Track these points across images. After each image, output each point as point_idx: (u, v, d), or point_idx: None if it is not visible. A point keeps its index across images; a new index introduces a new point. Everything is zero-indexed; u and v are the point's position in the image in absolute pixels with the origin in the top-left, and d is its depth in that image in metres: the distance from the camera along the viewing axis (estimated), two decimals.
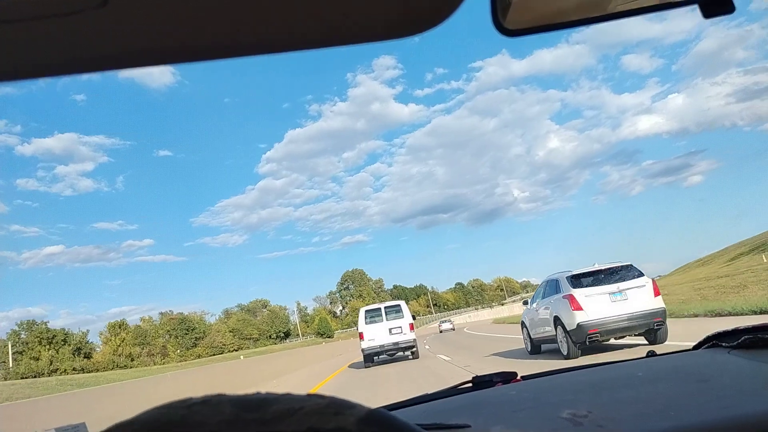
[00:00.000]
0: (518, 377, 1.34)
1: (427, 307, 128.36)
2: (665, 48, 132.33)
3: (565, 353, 8.48)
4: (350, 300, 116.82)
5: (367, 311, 15.91)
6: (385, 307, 15.78)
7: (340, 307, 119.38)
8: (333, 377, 14.87)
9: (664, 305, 8.15)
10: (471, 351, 15.43)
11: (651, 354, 1.42)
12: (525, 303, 11.52)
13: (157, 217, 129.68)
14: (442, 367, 11.73)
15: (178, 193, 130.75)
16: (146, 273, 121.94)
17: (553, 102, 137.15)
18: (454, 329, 44.12)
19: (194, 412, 0.35)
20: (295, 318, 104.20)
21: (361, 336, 15.38)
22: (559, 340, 8.68)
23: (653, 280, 8.29)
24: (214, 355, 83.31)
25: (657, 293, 8.07)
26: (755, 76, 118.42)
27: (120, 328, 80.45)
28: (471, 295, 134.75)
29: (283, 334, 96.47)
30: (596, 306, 7.92)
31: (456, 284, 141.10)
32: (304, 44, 0.43)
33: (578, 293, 8.07)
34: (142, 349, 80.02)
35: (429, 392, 1.34)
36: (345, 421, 0.35)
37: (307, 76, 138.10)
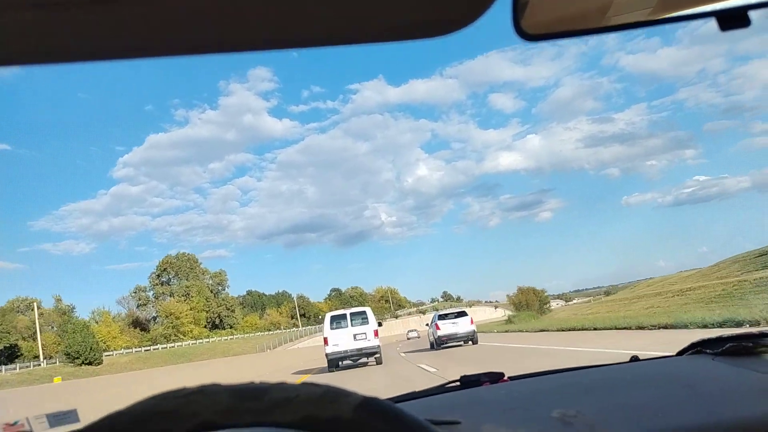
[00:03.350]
0: (506, 377, 1.36)
1: (292, 318, 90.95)
2: (527, 91, 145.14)
3: (434, 348, 20.68)
4: (167, 299, 73.79)
5: (332, 317, 16.35)
6: (351, 314, 16.41)
7: (155, 312, 75.74)
8: None
9: (475, 328, 20.38)
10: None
11: (635, 359, 1.43)
12: (427, 325, 24.84)
13: None
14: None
15: (16, 193, 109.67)
16: None
17: (424, 131, 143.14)
18: (419, 337, 47.86)
19: (190, 401, 0.35)
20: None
21: (325, 341, 15.91)
22: (432, 342, 21.53)
23: (471, 317, 20.53)
24: None
25: (472, 323, 20.26)
26: (601, 125, 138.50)
27: None
28: (350, 305, 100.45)
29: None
30: (446, 328, 20.07)
31: (332, 291, 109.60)
32: (314, 41, 0.42)
33: (440, 323, 20.40)
34: None
35: (418, 390, 1.35)
36: (341, 408, 0.36)
37: (176, 79, 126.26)
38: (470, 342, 20.12)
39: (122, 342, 61.07)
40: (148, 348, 59.49)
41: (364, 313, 16.46)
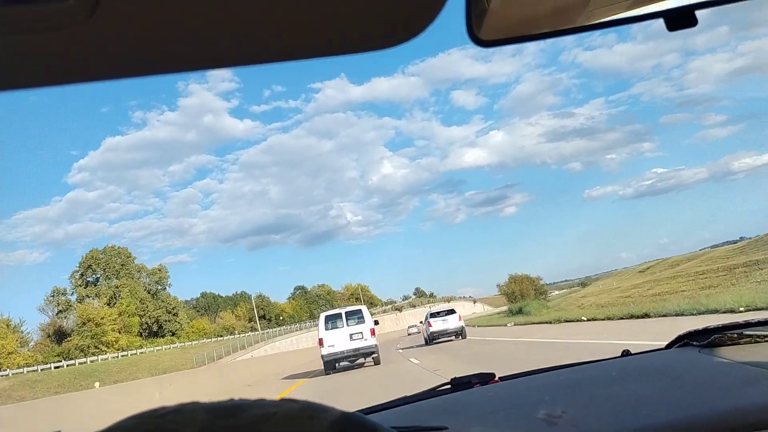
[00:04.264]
0: (496, 378, 1.36)
1: (250, 321, 78.81)
2: (489, 88, 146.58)
3: (428, 343, 22.95)
4: (91, 300, 60.50)
5: (327, 317, 15.95)
6: (346, 313, 16.00)
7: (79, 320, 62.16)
8: None
9: (463, 324, 23.30)
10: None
11: (625, 353, 1.46)
12: (420, 322, 29.55)
13: None
14: None
15: None
16: None
17: (388, 129, 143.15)
18: (419, 332, 46.83)
19: (168, 421, 0.35)
20: None
21: (320, 342, 15.50)
22: (426, 338, 24.24)
23: (459, 314, 23.52)
24: None
25: (460, 319, 23.13)
26: (562, 120, 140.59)
27: None
28: (317, 304, 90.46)
29: None
30: (436, 324, 22.87)
31: (296, 289, 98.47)
32: (285, 56, 0.43)
33: (431, 320, 23.31)
34: None
35: (407, 395, 1.35)
36: (318, 425, 0.35)
37: (133, 80, 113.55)
38: (459, 337, 22.70)
39: (22, 359, 47.67)
40: (48, 366, 45.54)
41: (359, 311, 16.38)
